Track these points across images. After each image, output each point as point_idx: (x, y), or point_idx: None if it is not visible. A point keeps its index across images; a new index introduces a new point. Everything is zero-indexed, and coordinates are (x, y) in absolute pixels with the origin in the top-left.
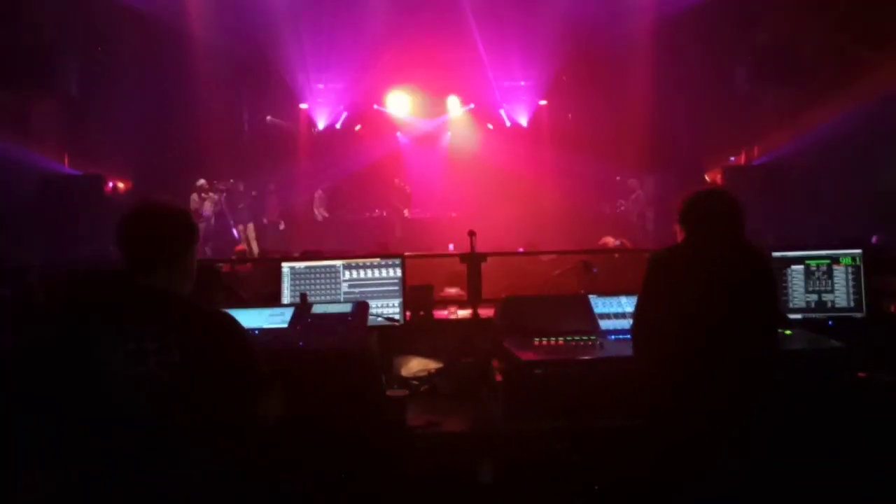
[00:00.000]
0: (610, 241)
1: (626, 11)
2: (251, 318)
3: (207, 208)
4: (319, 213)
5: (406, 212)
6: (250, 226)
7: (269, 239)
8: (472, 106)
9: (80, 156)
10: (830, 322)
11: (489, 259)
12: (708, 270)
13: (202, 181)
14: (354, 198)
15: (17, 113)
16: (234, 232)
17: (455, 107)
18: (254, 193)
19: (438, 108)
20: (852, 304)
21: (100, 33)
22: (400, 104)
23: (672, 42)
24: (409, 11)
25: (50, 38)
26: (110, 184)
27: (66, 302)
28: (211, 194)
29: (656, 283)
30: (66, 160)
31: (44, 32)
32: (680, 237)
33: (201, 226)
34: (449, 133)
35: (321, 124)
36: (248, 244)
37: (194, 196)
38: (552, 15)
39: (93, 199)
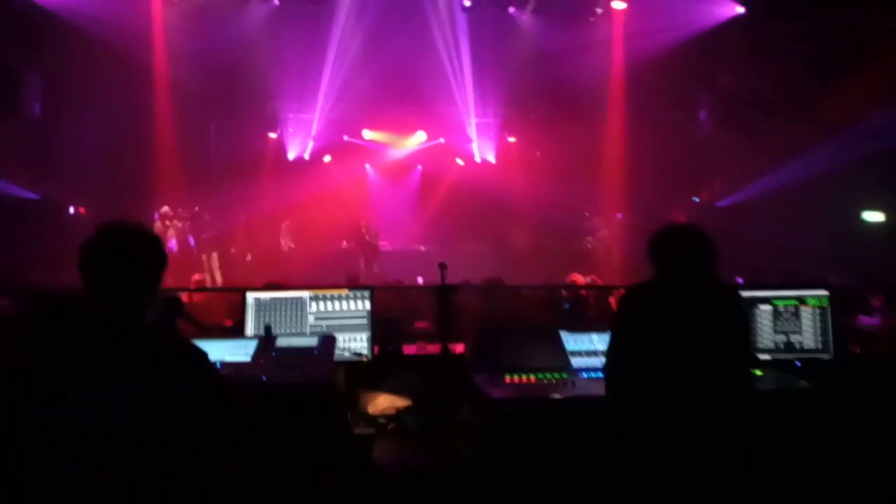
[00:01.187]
0: (579, 278)
1: (594, 52)
2: (213, 350)
3: (171, 236)
4: (286, 243)
5: (375, 267)
6: (214, 255)
7: (237, 270)
8: (441, 140)
9: (41, 179)
10: (798, 363)
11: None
12: (679, 307)
13: (166, 208)
14: (321, 229)
15: None
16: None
17: (424, 141)
18: (220, 225)
19: (408, 142)
20: (820, 345)
21: (64, 56)
22: (370, 136)
23: (638, 83)
24: (381, 46)
25: (11, 60)
26: (71, 208)
27: (24, 329)
28: (175, 222)
29: (628, 320)
30: (25, 183)
31: (5, 54)
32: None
33: None
34: (419, 167)
35: (290, 154)
36: (211, 274)
37: (158, 223)
38: (522, 53)
39: (52, 224)
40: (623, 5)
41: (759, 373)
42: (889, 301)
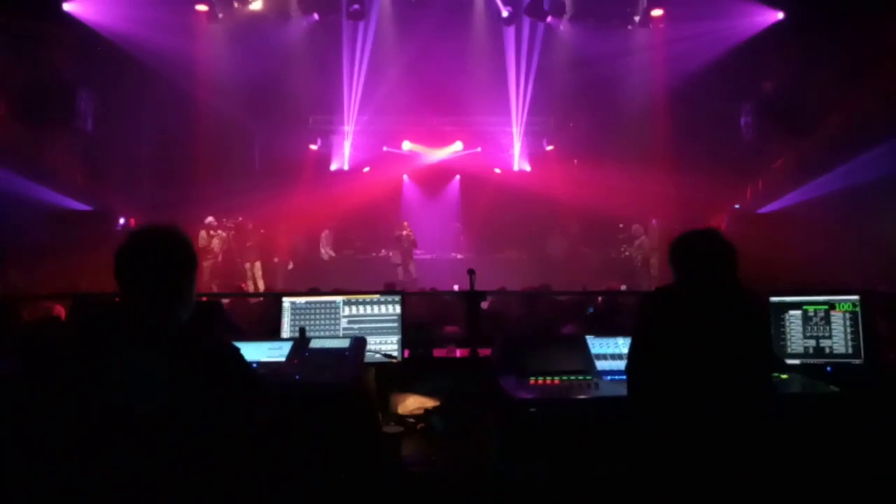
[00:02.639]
0: (615, 287)
1: (633, 60)
2: (250, 351)
3: (216, 245)
4: (326, 252)
5: (412, 266)
6: (257, 264)
7: (279, 278)
8: (478, 149)
9: (93, 191)
10: (829, 368)
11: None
12: (700, 311)
13: (210, 218)
14: (361, 238)
15: (33, 148)
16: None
17: (462, 150)
18: (262, 231)
19: (446, 152)
20: (850, 350)
21: (114, 73)
22: (409, 147)
23: (679, 91)
24: (420, 58)
25: (68, 77)
26: (122, 219)
27: (62, 330)
28: (219, 231)
29: (649, 324)
30: (78, 195)
31: (63, 72)
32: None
33: (208, 263)
34: (457, 176)
35: (332, 165)
36: (255, 282)
37: (203, 233)
38: (560, 62)
39: (102, 234)
40: (660, 12)
41: (784, 376)
42: None
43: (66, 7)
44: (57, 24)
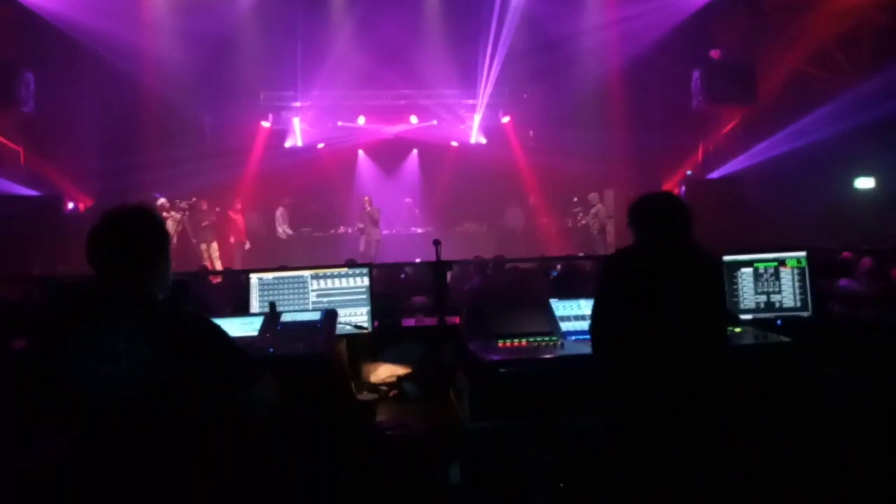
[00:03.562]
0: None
1: (587, 30)
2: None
3: (169, 227)
4: (283, 230)
5: (376, 237)
6: (214, 245)
7: (237, 259)
8: (434, 122)
9: (38, 174)
10: (779, 321)
11: None
12: (658, 270)
13: (163, 200)
14: (316, 215)
15: None
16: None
17: (418, 124)
18: (217, 209)
19: (402, 126)
20: (799, 303)
21: (58, 51)
22: (364, 122)
23: (632, 59)
24: (372, 31)
25: (6, 56)
26: (70, 203)
27: (41, 309)
28: (172, 213)
29: (610, 283)
30: (24, 180)
31: (2, 54)
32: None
33: None
34: (414, 150)
35: (286, 142)
36: (211, 263)
37: None
38: (513, 32)
39: (51, 219)
40: None
41: (738, 329)
42: (876, 266)
43: None
44: None
